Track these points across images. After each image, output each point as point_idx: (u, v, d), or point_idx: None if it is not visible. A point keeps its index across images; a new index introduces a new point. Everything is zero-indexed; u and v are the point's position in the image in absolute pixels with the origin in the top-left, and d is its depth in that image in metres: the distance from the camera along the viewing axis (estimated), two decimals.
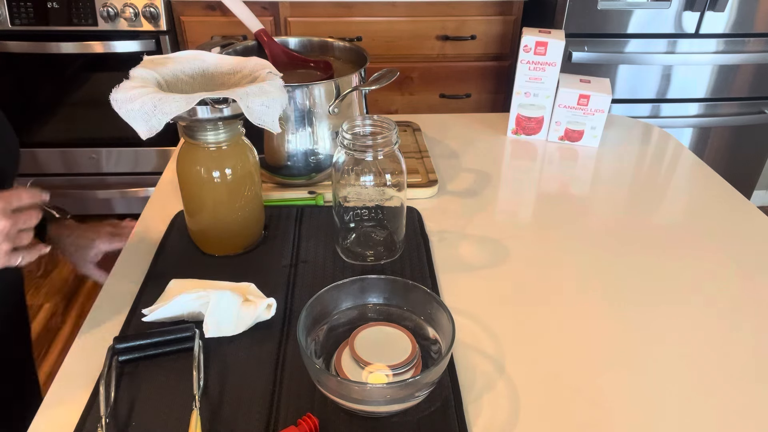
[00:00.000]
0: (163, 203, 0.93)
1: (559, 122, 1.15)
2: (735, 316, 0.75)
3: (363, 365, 0.60)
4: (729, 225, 0.93)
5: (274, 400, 0.60)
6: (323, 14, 1.94)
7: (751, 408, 0.62)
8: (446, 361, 0.57)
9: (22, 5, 1.85)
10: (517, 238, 0.88)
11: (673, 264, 0.84)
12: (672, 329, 0.72)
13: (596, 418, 0.60)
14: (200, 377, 0.61)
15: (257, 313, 0.67)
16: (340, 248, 0.82)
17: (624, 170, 1.09)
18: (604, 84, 1.14)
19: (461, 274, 0.80)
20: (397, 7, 1.95)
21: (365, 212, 0.81)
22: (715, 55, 1.91)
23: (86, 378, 0.63)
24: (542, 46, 1.10)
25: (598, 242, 0.88)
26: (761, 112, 2.04)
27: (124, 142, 2.12)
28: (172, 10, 1.92)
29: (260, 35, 0.99)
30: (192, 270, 0.78)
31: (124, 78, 0.69)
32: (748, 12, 1.84)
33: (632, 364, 0.67)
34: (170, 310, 0.67)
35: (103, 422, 0.56)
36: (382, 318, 0.67)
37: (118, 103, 0.65)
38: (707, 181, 1.06)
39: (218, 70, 0.78)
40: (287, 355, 0.65)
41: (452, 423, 0.58)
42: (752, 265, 0.84)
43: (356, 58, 1.00)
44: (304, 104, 0.87)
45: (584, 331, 0.71)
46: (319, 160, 0.92)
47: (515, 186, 1.04)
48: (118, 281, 0.77)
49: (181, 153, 0.76)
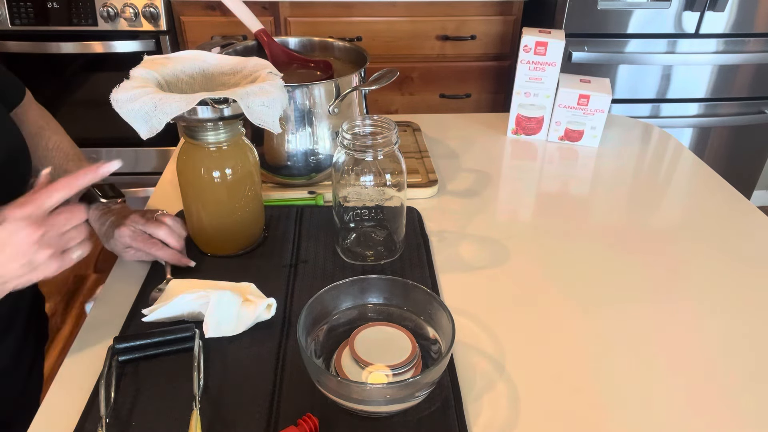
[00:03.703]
0: (163, 203, 0.93)
1: (559, 122, 1.15)
2: (735, 315, 0.75)
3: (363, 365, 0.60)
4: (729, 225, 0.93)
5: (274, 400, 0.60)
6: (323, 14, 1.94)
7: (751, 408, 0.62)
8: (446, 361, 0.57)
9: (22, 5, 1.85)
10: (517, 238, 0.88)
11: (673, 264, 0.84)
12: (672, 329, 0.72)
13: (596, 417, 0.60)
14: (200, 377, 0.61)
15: (257, 313, 0.67)
16: (340, 248, 0.82)
17: (624, 170, 1.09)
18: (604, 84, 1.14)
19: (461, 274, 0.80)
20: (397, 7, 1.95)
21: (365, 212, 0.81)
22: (715, 55, 1.91)
23: (86, 378, 0.63)
24: (542, 46, 1.10)
25: (598, 242, 0.88)
26: (761, 112, 2.04)
27: (124, 142, 2.12)
28: (172, 10, 1.92)
29: (260, 35, 0.99)
30: (192, 270, 0.78)
31: (124, 78, 0.69)
32: (748, 12, 1.84)
33: (633, 364, 0.67)
34: (170, 311, 0.67)
35: (104, 422, 0.56)
36: (382, 318, 0.67)
37: (119, 103, 0.65)
38: (707, 181, 1.06)
39: (218, 70, 0.78)
40: (287, 355, 0.65)
41: (452, 423, 0.58)
42: (752, 264, 0.84)
43: (356, 58, 1.00)
44: (304, 104, 0.87)
45: (584, 331, 0.71)
46: (319, 160, 0.92)
47: (515, 186, 1.04)
48: (118, 281, 0.77)
49: (181, 153, 0.76)
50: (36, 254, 0.54)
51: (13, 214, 0.53)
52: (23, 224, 0.53)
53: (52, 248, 0.55)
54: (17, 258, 0.53)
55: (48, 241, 0.55)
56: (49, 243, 0.55)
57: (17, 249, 0.53)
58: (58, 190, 0.55)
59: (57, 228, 0.55)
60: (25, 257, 0.54)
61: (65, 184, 0.55)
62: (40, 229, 0.54)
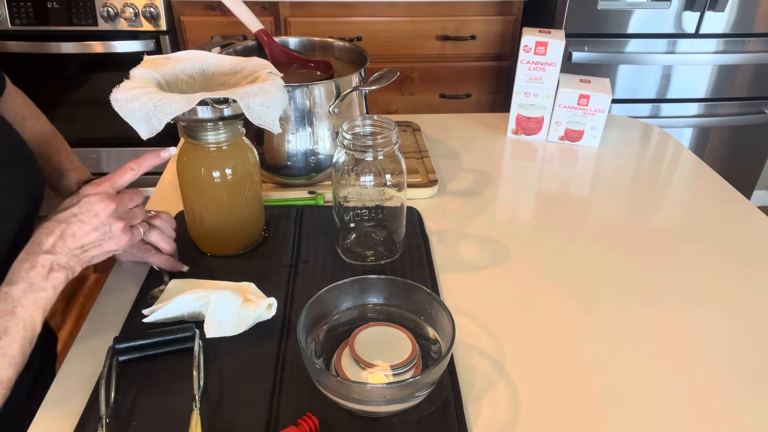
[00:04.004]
0: (163, 203, 0.93)
1: (559, 122, 1.15)
2: (735, 315, 0.75)
3: (363, 365, 0.60)
4: (729, 225, 0.93)
5: (274, 400, 0.60)
6: (323, 14, 1.94)
7: (751, 408, 0.62)
8: (446, 361, 0.57)
9: (22, 5, 1.85)
10: (517, 238, 0.88)
11: (673, 264, 0.84)
12: (672, 328, 0.72)
13: (597, 417, 0.60)
14: (200, 377, 0.61)
15: (258, 313, 0.67)
16: (340, 248, 0.82)
17: (624, 170, 1.09)
18: (604, 84, 1.14)
19: (461, 274, 0.80)
20: (397, 7, 1.95)
21: (365, 212, 0.81)
22: (715, 55, 1.91)
23: (86, 378, 0.63)
24: (542, 46, 1.10)
25: (598, 242, 0.88)
26: (761, 112, 2.04)
27: (124, 142, 2.12)
28: (172, 10, 1.92)
29: (260, 35, 0.99)
30: (192, 270, 0.78)
31: (124, 78, 0.69)
32: (748, 12, 1.84)
33: (633, 364, 0.67)
34: (170, 311, 0.67)
35: (104, 422, 0.56)
36: (382, 318, 0.67)
37: (119, 103, 0.65)
38: (707, 181, 1.06)
39: (218, 70, 0.78)
40: (287, 355, 0.65)
41: (452, 423, 0.58)
42: (752, 264, 0.84)
43: (356, 58, 1.00)
44: (304, 104, 0.87)
45: (584, 331, 0.71)
46: (319, 160, 0.92)
47: (515, 186, 1.04)
48: (118, 281, 0.77)
49: (181, 153, 0.76)
50: (112, 225, 0.63)
51: (92, 190, 0.63)
52: (100, 197, 0.63)
53: (124, 221, 0.64)
54: (97, 227, 0.62)
55: (120, 214, 0.64)
56: (121, 216, 0.64)
57: (97, 219, 0.62)
58: (127, 172, 0.66)
59: (125, 204, 0.65)
60: (104, 227, 0.63)
61: (133, 166, 0.66)
62: (113, 202, 0.63)
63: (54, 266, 0.60)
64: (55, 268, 0.60)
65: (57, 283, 0.61)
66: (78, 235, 0.61)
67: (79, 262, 0.62)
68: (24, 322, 0.57)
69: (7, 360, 0.55)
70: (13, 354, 0.56)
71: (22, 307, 0.57)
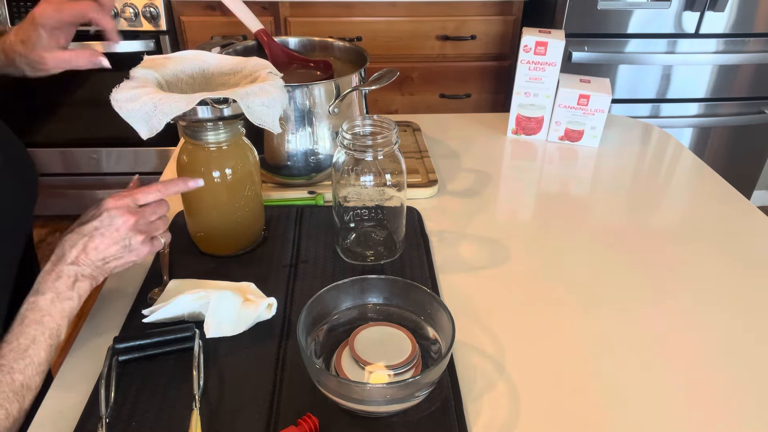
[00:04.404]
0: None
1: (559, 122, 1.15)
2: (735, 315, 0.75)
3: (363, 365, 0.60)
4: (729, 225, 0.93)
5: (274, 400, 0.60)
6: (323, 14, 1.94)
7: (751, 407, 0.62)
8: (446, 361, 0.57)
9: (22, 5, 1.85)
10: (517, 238, 0.88)
11: (673, 264, 0.84)
12: (672, 328, 0.72)
13: (597, 417, 0.60)
14: (200, 377, 0.61)
15: (258, 313, 0.67)
16: (340, 248, 0.82)
17: (624, 170, 1.09)
18: (604, 84, 1.14)
19: (461, 274, 0.80)
20: (397, 7, 1.95)
21: (365, 212, 0.81)
22: (715, 55, 1.91)
23: (86, 378, 0.63)
24: (542, 46, 1.10)
25: (598, 242, 0.88)
26: (761, 112, 2.04)
27: (124, 142, 2.12)
28: (172, 10, 1.92)
29: (260, 35, 0.99)
30: (192, 270, 0.78)
31: (124, 78, 0.69)
32: (748, 12, 1.84)
33: (633, 364, 0.67)
34: (170, 311, 0.67)
35: (104, 422, 0.56)
36: (382, 318, 0.67)
37: (119, 103, 0.65)
38: (707, 181, 1.06)
39: (218, 70, 0.78)
40: (287, 355, 0.65)
41: (452, 423, 0.58)
42: (752, 264, 0.84)
43: (356, 58, 1.00)
44: (304, 104, 0.87)
45: (584, 331, 0.71)
46: (319, 160, 0.92)
47: (515, 186, 1.04)
48: (118, 281, 0.77)
49: (181, 153, 0.76)
50: (132, 238, 0.64)
51: (113, 204, 0.64)
52: (121, 212, 0.64)
53: (144, 234, 0.65)
54: (118, 241, 0.64)
55: (140, 228, 0.65)
56: (141, 229, 0.65)
57: (117, 233, 0.63)
58: (152, 193, 0.66)
59: (146, 217, 0.66)
60: (124, 241, 0.64)
61: (160, 188, 0.67)
62: (134, 216, 0.64)
63: (79, 276, 0.62)
64: (79, 278, 0.62)
65: (82, 293, 0.63)
66: (100, 248, 0.63)
67: (101, 272, 0.65)
68: (51, 330, 0.59)
69: (35, 368, 0.57)
70: (41, 362, 0.58)
71: (50, 317, 0.59)
